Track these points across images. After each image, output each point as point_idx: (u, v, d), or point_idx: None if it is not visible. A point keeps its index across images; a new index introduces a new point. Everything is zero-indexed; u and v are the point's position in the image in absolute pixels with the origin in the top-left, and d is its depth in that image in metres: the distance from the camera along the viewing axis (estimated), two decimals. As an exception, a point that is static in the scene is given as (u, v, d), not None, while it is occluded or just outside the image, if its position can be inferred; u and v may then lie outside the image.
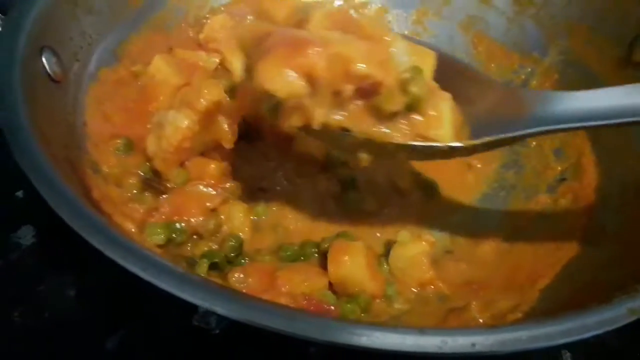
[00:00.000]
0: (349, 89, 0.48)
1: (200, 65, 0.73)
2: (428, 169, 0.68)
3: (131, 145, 0.61)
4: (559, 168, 0.68)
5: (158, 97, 0.66)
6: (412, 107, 0.50)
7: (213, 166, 0.59)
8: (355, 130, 0.50)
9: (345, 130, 0.50)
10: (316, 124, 0.48)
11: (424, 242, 0.58)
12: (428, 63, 0.51)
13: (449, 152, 0.52)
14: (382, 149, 0.51)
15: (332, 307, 0.51)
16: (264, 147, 0.65)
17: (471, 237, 0.63)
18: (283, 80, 0.45)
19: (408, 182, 0.66)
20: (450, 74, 0.53)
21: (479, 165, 0.71)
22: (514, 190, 0.69)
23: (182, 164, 0.59)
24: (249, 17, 0.80)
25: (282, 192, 0.63)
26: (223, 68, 0.74)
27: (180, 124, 0.56)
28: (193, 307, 0.54)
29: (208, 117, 0.58)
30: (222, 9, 0.80)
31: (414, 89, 0.49)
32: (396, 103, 0.49)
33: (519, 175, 0.70)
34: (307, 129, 0.49)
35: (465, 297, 0.55)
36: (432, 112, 0.51)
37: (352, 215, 0.62)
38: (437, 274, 0.58)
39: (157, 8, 0.74)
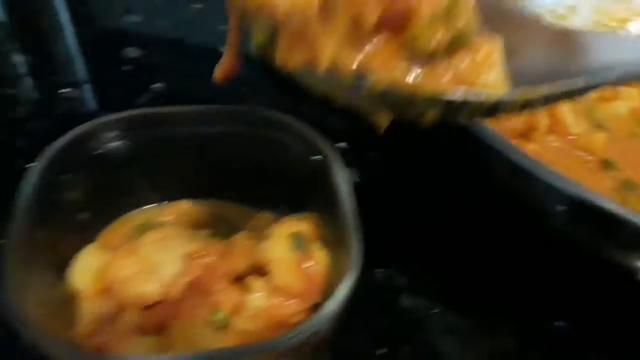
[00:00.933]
0: (371, 16, 0.36)
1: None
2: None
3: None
4: None
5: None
6: (455, 45, 0.38)
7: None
8: (376, 74, 0.37)
9: (360, 76, 0.37)
10: (324, 61, 0.36)
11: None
12: None
13: (494, 108, 0.39)
14: (409, 103, 0.38)
15: None
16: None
17: None
18: None
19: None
20: (488, 14, 0.40)
21: None
22: None
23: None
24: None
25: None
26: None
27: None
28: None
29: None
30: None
31: (458, 22, 0.37)
32: (435, 39, 0.37)
33: None
34: (310, 70, 0.37)
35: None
36: (478, 54, 0.39)
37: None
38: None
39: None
